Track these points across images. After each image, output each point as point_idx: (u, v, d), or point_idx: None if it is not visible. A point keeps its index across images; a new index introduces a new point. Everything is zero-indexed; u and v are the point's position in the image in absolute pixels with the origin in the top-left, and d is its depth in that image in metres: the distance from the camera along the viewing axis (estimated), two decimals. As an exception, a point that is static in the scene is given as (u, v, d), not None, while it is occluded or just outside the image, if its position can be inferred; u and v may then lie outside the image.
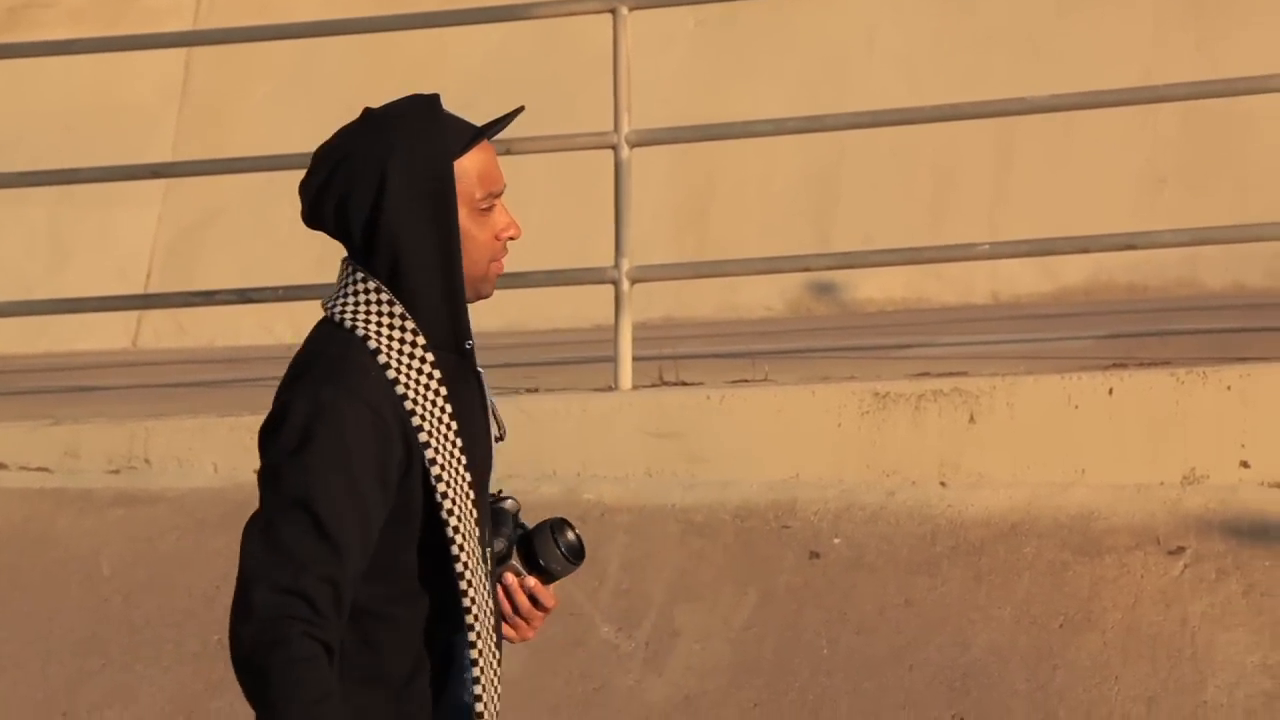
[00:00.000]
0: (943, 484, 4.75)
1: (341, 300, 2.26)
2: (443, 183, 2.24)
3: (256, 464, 5.55)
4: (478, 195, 2.27)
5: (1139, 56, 7.84)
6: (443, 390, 2.24)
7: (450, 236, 2.24)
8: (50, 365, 7.22)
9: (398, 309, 2.24)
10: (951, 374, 4.95)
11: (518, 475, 5.00)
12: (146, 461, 5.22)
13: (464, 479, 2.24)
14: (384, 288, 2.25)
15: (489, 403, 2.37)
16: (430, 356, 2.24)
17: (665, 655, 4.50)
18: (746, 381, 5.16)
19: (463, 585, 2.24)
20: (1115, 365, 4.85)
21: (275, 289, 5.95)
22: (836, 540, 4.70)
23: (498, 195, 2.29)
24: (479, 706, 2.26)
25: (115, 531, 4.92)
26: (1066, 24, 8.03)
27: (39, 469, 5.20)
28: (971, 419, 4.78)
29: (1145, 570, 4.43)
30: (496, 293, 2.39)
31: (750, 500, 4.84)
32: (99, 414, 5.38)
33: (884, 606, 4.50)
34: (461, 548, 2.23)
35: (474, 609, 2.25)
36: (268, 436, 2.23)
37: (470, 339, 2.29)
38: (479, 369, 2.34)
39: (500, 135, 2.31)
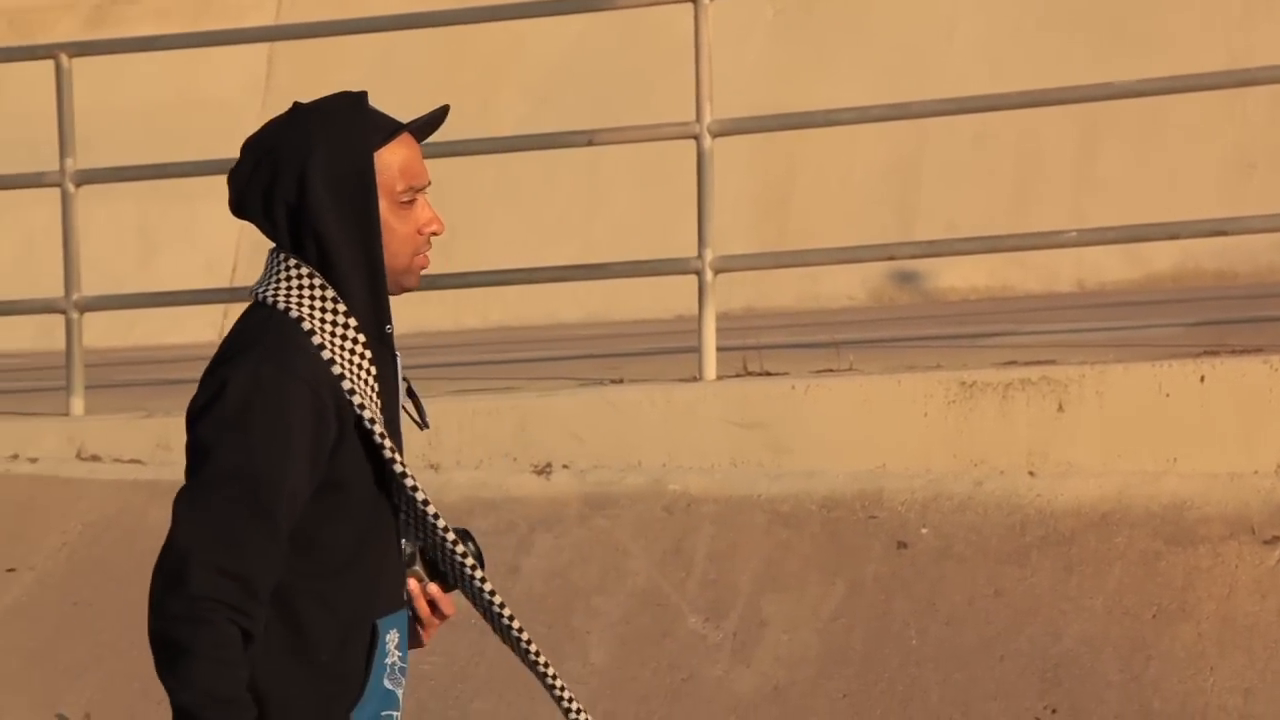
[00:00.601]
0: (1031, 473, 4.71)
1: (274, 286, 2.30)
2: (363, 174, 2.28)
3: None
4: (399, 188, 2.31)
5: (1226, 39, 7.74)
6: (373, 370, 2.29)
7: (370, 226, 2.29)
8: (140, 358, 7.30)
9: (330, 293, 2.29)
10: (1039, 363, 4.91)
11: (603, 466, 5.01)
12: (236, 453, 5.27)
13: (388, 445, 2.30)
14: (316, 273, 2.29)
15: (410, 390, 2.41)
16: (361, 337, 2.29)
17: (753, 646, 4.49)
18: (831, 371, 5.14)
19: (442, 524, 2.33)
20: (1206, 353, 4.80)
21: (361, 282, 5.96)
22: (924, 530, 4.68)
23: (420, 190, 2.33)
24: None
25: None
26: (1152, 7, 7.94)
27: (132, 461, 5.26)
28: (1060, 408, 4.74)
29: (1240, 560, 4.37)
30: (577, 284, 2.39)
31: (836, 490, 4.82)
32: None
33: (973, 597, 4.47)
34: (416, 489, 2.31)
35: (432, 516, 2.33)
36: (204, 411, 2.25)
37: (389, 324, 2.33)
38: (397, 355, 2.36)
39: (583, 126, 2.31)
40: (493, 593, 2.44)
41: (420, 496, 2.31)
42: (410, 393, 2.41)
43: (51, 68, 5.86)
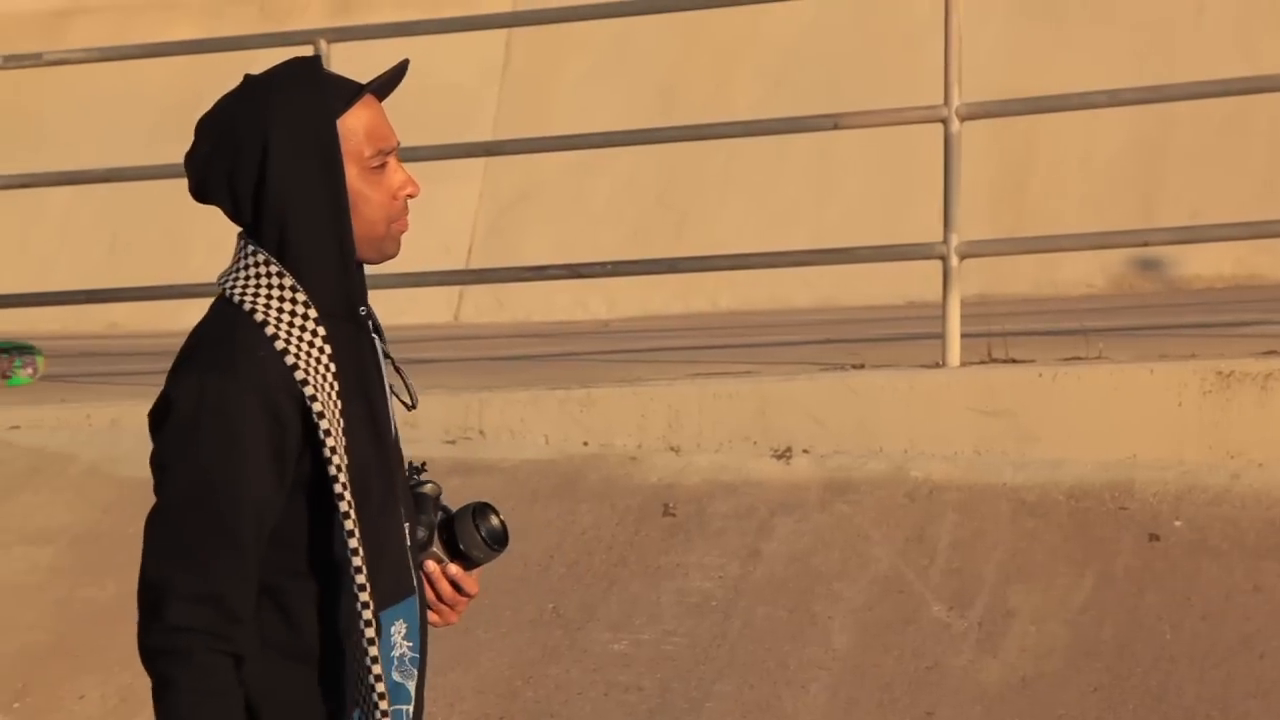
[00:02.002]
0: (1291, 467, 4.57)
1: (234, 276, 2.19)
2: (326, 142, 2.15)
3: (584, 437, 5.63)
4: (367, 153, 2.17)
5: None
6: (333, 366, 2.16)
7: (339, 197, 2.16)
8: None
9: (287, 280, 2.17)
10: (1301, 352, 4.76)
11: (844, 452, 4.99)
12: (481, 433, 5.36)
13: (345, 458, 2.15)
14: (273, 260, 2.17)
15: (397, 370, 2.29)
16: (321, 329, 2.16)
17: (999, 636, 4.43)
18: (1079, 359, 5.05)
19: (356, 561, 2.14)
20: None
21: (604, 264, 6.03)
22: (1177, 523, 4.56)
23: (389, 152, 2.19)
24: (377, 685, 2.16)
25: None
26: None
27: (380, 437, 5.36)
28: (1323, 400, 4.59)
29: None
30: (808, 269, 2.29)
31: (1085, 480, 4.73)
32: (436, 385, 5.54)
33: (1230, 592, 4.35)
34: (355, 521, 2.14)
35: (362, 578, 2.15)
36: (157, 429, 2.16)
37: (364, 305, 2.21)
38: (375, 335, 2.25)
39: (828, 110, 2.23)
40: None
41: (343, 507, 2.14)
42: (397, 370, 2.29)
43: (305, 53, 6.00)
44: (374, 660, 2.17)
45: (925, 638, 4.46)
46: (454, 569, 2.30)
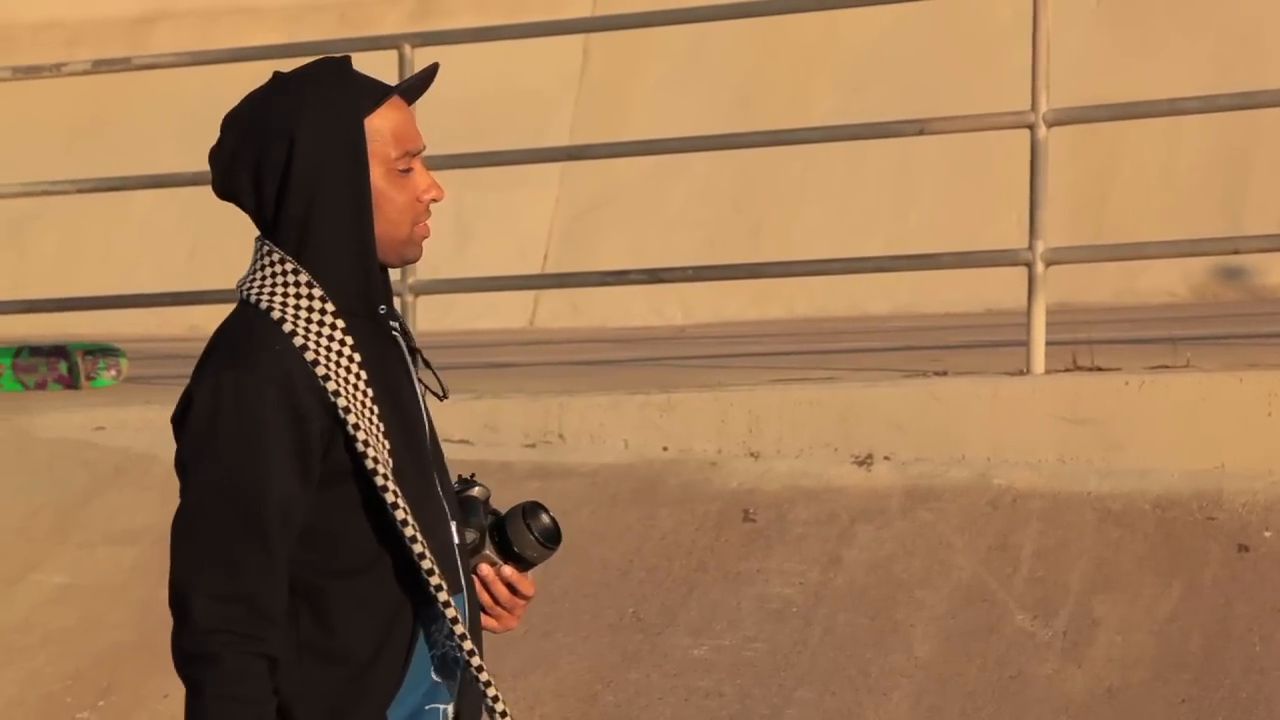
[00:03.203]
0: (1383, 478, 4.51)
1: (251, 277, 2.18)
2: (353, 142, 2.14)
3: (664, 442, 5.62)
4: (393, 155, 2.15)
5: None
6: (356, 356, 2.13)
7: (363, 197, 2.13)
8: (459, 342, 7.48)
9: (303, 277, 2.14)
10: (1393, 363, 4.69)
11: (925, 459, 4.95)
12: (561, 436, 5.36)
13: (384, 446, 2.12)
14: (288, 258, 2.15)
15: (426, 364, 2.26)
16: (340, 323, 2.14)
17: (1085, 645, 4.39)
18: (1166, 367, 4.99)
19: (417, 549, 2.11)
20: None
21: (684, 269, 6.03)
22: (1267, 534, 4.50)
23: (415, 155, 2.17)
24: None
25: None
26: None
27: (460, 441, 5.38)
28: None
29: None
30: (885, 276, 2.28)
31: (1172, 489, 4.68)
32: (515, 390, 5.54)
33: (1322, 604, 4.29)
34: (395, 505, 2.10)
35: (436, 576, 2.11)
36: (178, 429, 2.14)
37: (385, 303, 2.18)
38: (395, 332, 2.21)
39: (905, 116, 2.21)
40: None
41: (389, 498, 2.11)
42: (426, 364, 2.26)
43: (386, 58, 6.03)
44: (463, 637, 2.14)
45: (1009, 647, 4.42)
46: (509, 571, 2.27)
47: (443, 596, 2.13)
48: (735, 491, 5.02)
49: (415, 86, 2.18)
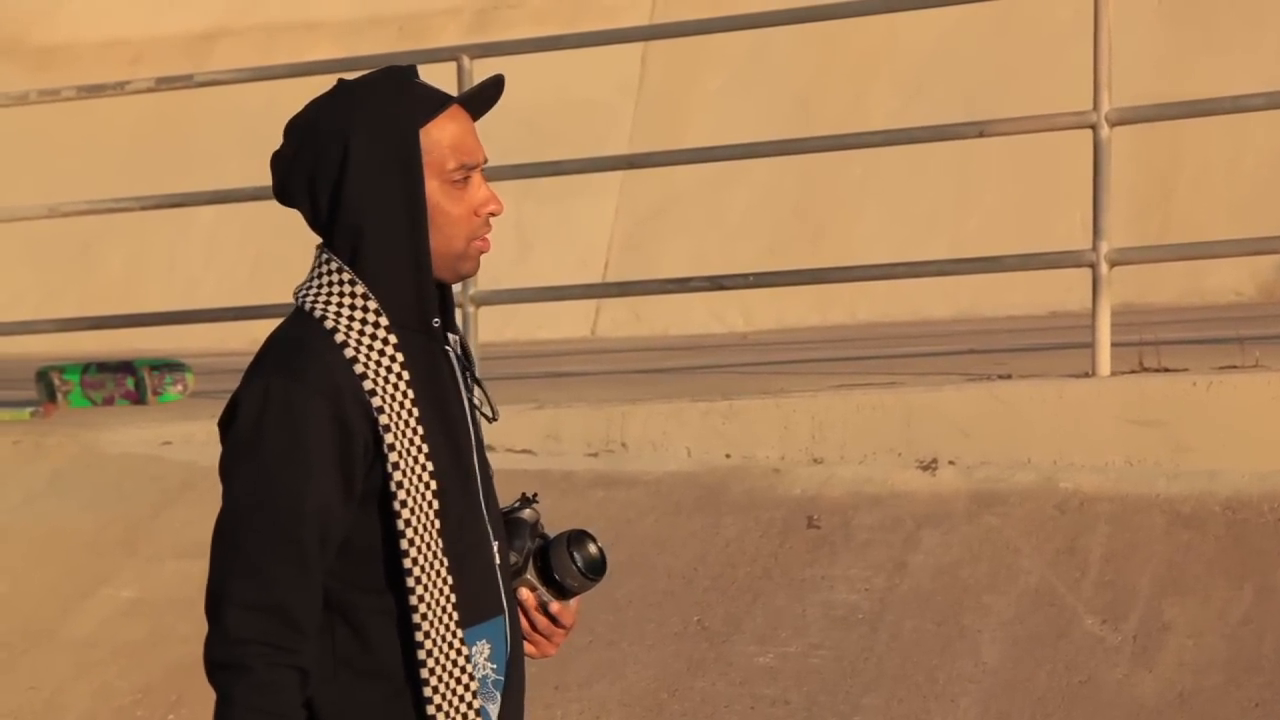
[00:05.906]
0: None
1: (308, 285, 2.14)
2: (408, 152, 2.09)
3: (727, 449, 5.61)
4: (450, 166, 2.10)
5: None
6: (405, 374, 2.10)
7: (416, 208, 2.09)
8: (521, 352, 7.50)
9: (359, 288, 2.10)
10: None
11: (991, 462, 4.92)
12: (623, 445, 5.36)
13: (422, 466, 2.09)
14: (345, 267, 2.11)
15: (478, 384, 2.23)
16: (393, 337, 2.10)
17: (1155, 650, 4.34)
18: (1235, 367, 4.94)
19: (410, 582, 2.07)
20: None
21: (745, 276, 6.02)
22: (1340, 535, 4.44)
23: (474, 168, 2.12)
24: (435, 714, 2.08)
25: (596, 512, 5.05)
26: None
27: (523, 451, 5.38)
28: None
29: None
30: (946, 280, 2.25)
31: (1242, 491, 4.62)
32: (577, 399, 5.55)
33: (1397, 606, 4.23)
34: (412, 541, 2.07)
35: (421, 607, 2.08)
36: (223, 435, 2.13)
37: (438, 317, 2.14)
38: (449, 348, 2.17)
39: (966, 119, 2.18)
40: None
41: (399, 525, 2.07)
42: (477, 381, 2.23)
43: (445, 70, 6.05)
44: (465, 672, 2.10)
45: (1078, 651, 4.38)
46: (554, 605, 2.24)
47: (418, 636, 2.09)
48: (799, 498, 5.01)
49: (481, 98, 2.14)
